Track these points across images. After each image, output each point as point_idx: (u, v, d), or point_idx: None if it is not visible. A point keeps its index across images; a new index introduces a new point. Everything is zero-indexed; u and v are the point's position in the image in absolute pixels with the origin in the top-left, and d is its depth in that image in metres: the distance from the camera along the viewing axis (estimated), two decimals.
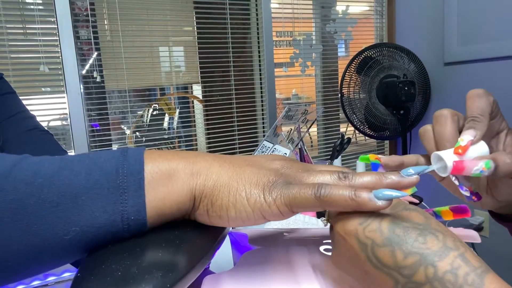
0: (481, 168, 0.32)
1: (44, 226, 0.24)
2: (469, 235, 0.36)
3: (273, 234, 0.40)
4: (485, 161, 0.32)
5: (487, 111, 0.36)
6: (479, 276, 0.22)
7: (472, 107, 0.36)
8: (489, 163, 0.32)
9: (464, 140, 0.34)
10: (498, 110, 0.38)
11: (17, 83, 1.50)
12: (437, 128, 0.37)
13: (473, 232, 0.36)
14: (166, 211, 0.27)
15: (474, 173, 0.32)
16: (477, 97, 0.36)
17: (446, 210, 0.37)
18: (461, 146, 0.33)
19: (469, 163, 0.32)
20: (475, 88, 0.37)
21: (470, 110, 0.36)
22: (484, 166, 0.32)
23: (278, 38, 1.99)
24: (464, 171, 0.32)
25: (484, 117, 0.35)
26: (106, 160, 0.27)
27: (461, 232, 0.37)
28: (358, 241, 0.26)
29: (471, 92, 0.37)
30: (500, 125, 0.38)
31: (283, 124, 0.85)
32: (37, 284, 0.53)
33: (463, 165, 0.32)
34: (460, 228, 0.34)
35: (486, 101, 0.36)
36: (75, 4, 1.55)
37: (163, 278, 0.23)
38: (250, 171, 0.28)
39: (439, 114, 0.38)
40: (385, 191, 0.25)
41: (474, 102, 0.36)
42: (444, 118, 0.37)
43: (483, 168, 0.32)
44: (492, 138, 0.39)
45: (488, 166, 0.32)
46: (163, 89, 1.98)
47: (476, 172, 0.32)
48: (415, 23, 2.05)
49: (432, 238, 0.24)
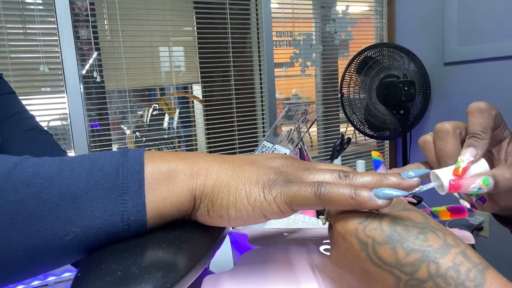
0: (479, 186, 0.31)
1: (44, 226, 0.24)
2: (463, 236, 0.36)
3: (273, 234, 0.40)
4: (483, 178, 0.31)
5: (489, 128, 0.34)
6: (481, 272, 0.23)
7: (473, 123, 0.35)
8: (487, 180, 0.31)
9: (464, 161, 0.33)
10: (501, 121, 0.36)
11: (17, 83, 1.50)
12: (438, 143, 0.36)
13: (467, 233, 0.36)
14: (166, 212, 0.27)
15: (472, 191, 0.32)
16: (479, 112, 0.35)
17: (443, 210, 0.37)
18: (461, 167, 0.33)
19: (466, 181, 0.32)
20: (477, 101, 0.35)
21: (472, 126, 0.35)
22: (482, 183, 0.31)
23: (278, 38, 1.99)
24: (461, 189, 0.32)
25: (486, 134, 0.34)
26: (106, 161, 0.27)
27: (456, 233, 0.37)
28: (358, 240, 0.26)
29: (473, 105, 0.35)
30: (503, 133, 0.37)
31: (283, 124, 0.85)
32: (37, 284, 0.53)
33: (459, 183, 0.31)
34: (456, 228, 0.34)
35: (488, 116, 0.35)
36: (75, 4, 1.55)
37: (163, 278, 0.23)
38: (250, 170, 0.28)
39: (440, 128, 0.36)
40: (385, 190, 0.25)
41: (475, 117, 0.35)
42: (445, 134, 0.36)
43: (481, 186, 0.31)
44: (494, 146, 0.38)
45: (486, 183, 0.31)
46: (163, 89, 1.98)
47: (473, 190, 0.31)
48: (415, 23, 2.05)
49: (433, 235, 0.24)
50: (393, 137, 2.03)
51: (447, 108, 1.92)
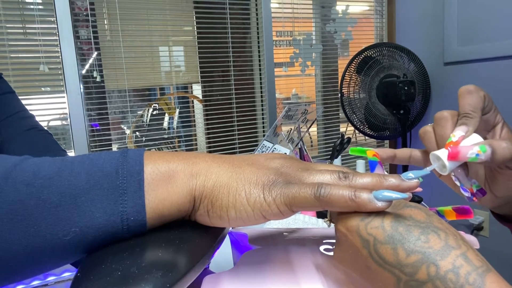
0: (477, 152, 0.32)
1: (44, 226, 0.24)
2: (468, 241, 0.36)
3: (273, 234, 0.40)
4: (480, 145, 0.32)
5: (478, 107, 0.36)
6: (480, 275, 0.23)
7: (463, 103, 0.36)
8: (484, 147, 0.32)
9: (456, 136, 0.34)
10: (492, 104, 0.38)
11: (17, 83, 1.50)
12: (438, 130, 0.38)
13: (472, 238, 0.36)
14: (166, 212, 0.27)
15: (470, 158, 0.32)
16: (468, 93, 0.36)
17: (449, 210, 0.37)
18: (453, 141, 0.34)
19: (464, 148, 0.32)
20: (465, 85, 0.37)
21: (462, 107, 0.37)
22: (479, 149, 0.32)
23: (278, 38, 1.99)
24: (459, 155, 0.32)
25: (476, 113, 0.36)
26: (106, 161, 0.27)
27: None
28: (360, 237, 0.26)
29: (462, 89, 0.37)
30: (495, 118, 0.39)
31: (283, 124, 0.85)
32: (37, 284, 0.53)
33: (457, 150, 0.32)
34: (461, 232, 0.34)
35: (477, 96, 0.36)
36: (75, 4, 1.55)
37: (163, 278, 0.23)
38: (250, 170, 0.28)
39: (439, 116, 0.38)
40: (385, 192, 0.25)
41: (465, 98, 0.36)
42: (444, 120, 0.38)
43: (479, 152, 0.32)
44: (488, 132, 0.40)
45: (483, 149, 0.32)
46: (163, 89, 1.98)
47: (472, 156, 0.32)
48: (415, 23, 2.05)
49: (434, 236, 0.24)
50: (393, 137, 2.03)
51: (447, 107, 1.91)
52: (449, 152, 0.33)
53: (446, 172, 0.33)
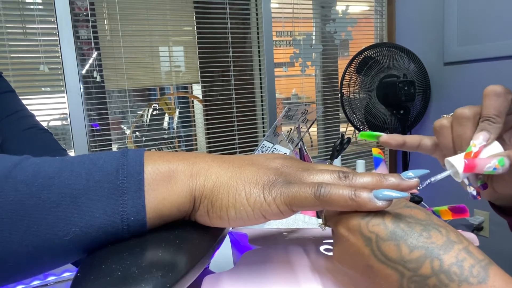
0: (494, 166, 0.31)
1: (44, 226, 0.24)
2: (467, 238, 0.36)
3: (273, 234, 0.40)
4: (498, 158, 0.31)
5: (504, 112, 0.34)
6: (484, 268, 0.23)
7: (488, 105, 0.34)
8: (503, 161, 0.31)
9: (477, 146, 0.33)
10: None
11: (17, 83, 1.50)
12: (457, 128, 0.36)
13: (471, 235, 0.36)
14: (166, 212, 0.27)
15: (487, 171, 0.31)
16: (495, 95, 0.34)
17: (445, 209, 0.37)
18: (473, 152, 0.32)
19: (482, 161, 0.31)
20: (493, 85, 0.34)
21: (486, 109, 0.34)
22: (497, 163, 0.31)
23: (278, 38, 1.99)
24: (476, 168, 0.31)
25: (500, 117, 0.34)
26: (106, 161, 0.27)
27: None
28: (362, 236, 0.26)
29: (489, 88, 0.34)
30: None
31: (283, 124, 0.85)
32: (37, 284, 0.53)
33: (474, 163, 0.31)
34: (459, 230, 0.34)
35: (505, 100, 0.34)
36: (75, 4, 1.55)
37: (163, 278, 0.23)
38: (250, 170, 0.28)
39: (461, 114, 0.36)
40: (385, 191, 0.25)
41: (491, 100, 0.34)
42: (466, 120, 0.35)
43: (497, 166, 0.30)
44: (506, 131, 0.37)
45: (502, 163, 0.31)
46: (163, 89, 1.98)
47: (488, 170, 0.31)
48: (415, 23, 2.05)
49: (436, 232, 0.25)
50: None
51: (447, 108, 1.92)
52: (465, 164, 0.31)
53: (460, 180, 0.32)
